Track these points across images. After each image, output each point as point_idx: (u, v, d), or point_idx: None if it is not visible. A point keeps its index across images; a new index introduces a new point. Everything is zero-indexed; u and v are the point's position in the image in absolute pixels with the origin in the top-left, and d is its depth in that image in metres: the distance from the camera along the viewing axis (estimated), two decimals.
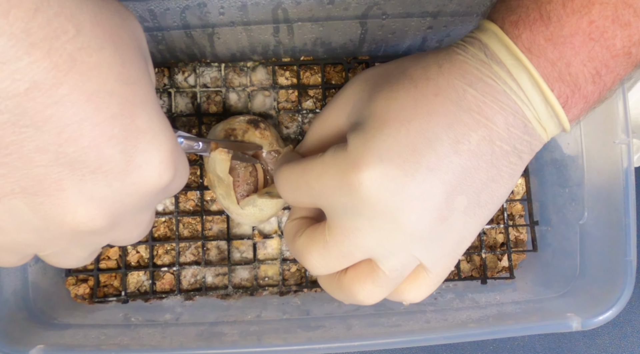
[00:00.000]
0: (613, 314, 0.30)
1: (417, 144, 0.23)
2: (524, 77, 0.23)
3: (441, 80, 0.24)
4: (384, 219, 0.24)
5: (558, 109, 0.23)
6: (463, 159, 0.23)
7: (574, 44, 0.22)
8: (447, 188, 0.24)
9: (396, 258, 0.25)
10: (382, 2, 0.32)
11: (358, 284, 0.26)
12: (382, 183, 0.24)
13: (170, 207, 0.40)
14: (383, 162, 0.24)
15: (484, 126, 0.23)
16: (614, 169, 0.32)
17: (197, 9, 0.32)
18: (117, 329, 0.35)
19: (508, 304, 0.35)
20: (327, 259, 0.26)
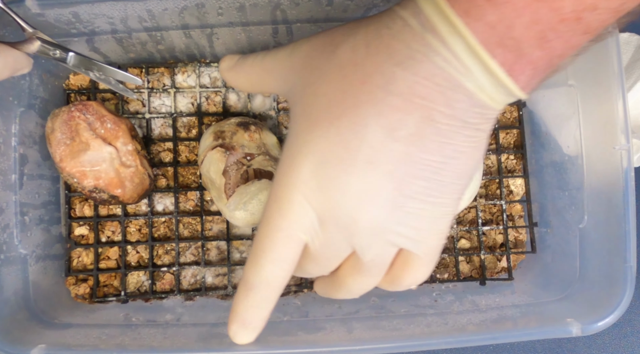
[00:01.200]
0: (613, 319, 0.30)
1: (349, 140, 0.23)
2: (460, 45, 0.21)
3: (368, 64, 0.22)
4: (345, 220, 0.24)
5: (502, 76, 0.21)
6: (404, 144, 0.22)
7: (517, 4, 0.19)
8: (395, 176, 0.23)
9: (372, 249, 0.25)
10: (381, 4, 0.32)
11: (349, 278, 0.26)
12: (328, 187, 0.23)
13: (170, 208, 0.40)
14: (321, 165, 0.23)
15: (421, 106, 0.22)
16: (614, 174, 0.32)
17: (196, 10, 0.32)
18: (118, 329, 0.35)
19: (508, 307, 0.35)
20: (319, 268, 0.26)
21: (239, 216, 0.34)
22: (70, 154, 0.35)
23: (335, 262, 0.26)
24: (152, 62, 0.40)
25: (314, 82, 0.24)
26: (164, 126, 0.40)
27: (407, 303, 0.37)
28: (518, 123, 0.41)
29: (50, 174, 0.38)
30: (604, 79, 0.32)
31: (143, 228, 0.40)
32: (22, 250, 0.35)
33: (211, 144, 0.35)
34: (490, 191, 0.41)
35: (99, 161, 0.35)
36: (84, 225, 0.39)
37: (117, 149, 0.35)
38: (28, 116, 0.35)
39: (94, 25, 0.33)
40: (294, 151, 0.24)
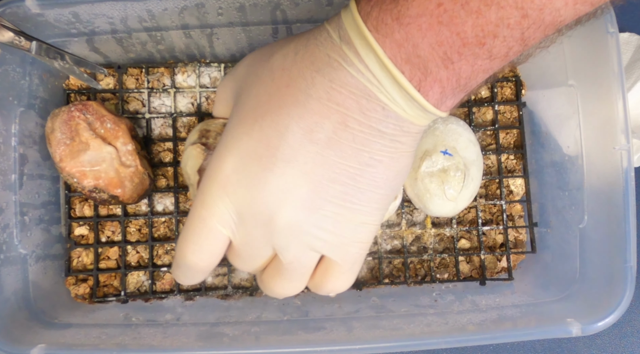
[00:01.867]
0: (613, 320, 0.30)
1: (270, 138, 0.23)
2: (371, 58, 0.22)
3: (294, 69, 0.24)
4: (262, 218, 0.24)
5: (411, 90, 0.22)
6: (320, 147, 0.23)
7: (421, 25, 0.21)
8: (312, 178, 0.23)
9: (291, 250, 0.25)
10: None
11: (272, 280, 0.27)
12: (247, 182, 0.24)
13: (170, 208, 0.40)
14: (242, 162, 0.24)
15: (336, 112, 0.23)
16: (614, 174, 0.32)
17: (196, 10, 0.32)
18: (118, 329, 0.35)
19: (508, 307, 0.35)
20: (244, 264, 0.27)
21: None
22: (70, 154, 0.35)
23: (259, 261, 0.27)
24: (152, 62, 0.40)
25: (249, 86, 0.26)
26: (164, 126, 0.40)
27: (407, 302, 0.37)
28: (518, 123, 0.41)
29: (50, 174, 0.38)
30: (604, 79, 0.32)
31: (143, 228, 0.40)
32: (22, 250, 0.35)
33: (195, 141, 0.35)
34: (490, 191, 0.41)
35: (99, 160, 0.35)
36: (84, 225, 0.39)
37: (117, 149, 0.35)
38: (28, 116, 0.35)
39: (94, 25, 0.33)
40: (222, 146, 0.25)
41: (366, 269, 0.40)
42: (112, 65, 0.39)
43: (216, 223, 0.25)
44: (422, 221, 0.41)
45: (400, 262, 0.41)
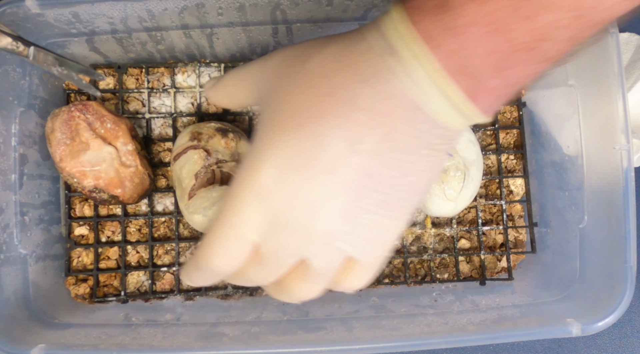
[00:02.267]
0: (613, 320, 0.30)
1: (311, 148, 0.23)
2: (420, 70, 0.21)
3: (336, 78, 0.23)
4: (299, 225, 0.24)
5: (461, 101, 0.22)
6: (363, 158, 0.23)
7: (473, 35, 0.20)
8: (353, 188, 0.23)
9: (321, 256, 0.25)
10: (381, 4, 0.32)
11: (295, 285, 0.26)
12: (285, 192, 0.24)
13: (170, 208, 0.40)
14: (281, 171, 0.24)
15: (382, 123, 0.22)
16: (614, 174, 0.32)
17: (196, 10, 0.32)
18: (118, 329, 0.35)
19: (508, 307, 0.35)
20: (267, 273, 0.27)
21: (196, 220, 0.34)
22: (70, 154, 0.35)
23: (283, 269, 0.26)
24: (152, 62, 0.40)
25: (283, 90, 0.25)
26: (164, 126, 0.40)
27: (407, 302, 0.37)
28: (518, 123, 0.41)
29: (50, 174, 0.38)
30: (604, 79, 0.32)
31: (143, 228, 0.40)
32: (22, 250, 0.35)
33: (186, 143, 0.35)
34: (490, 191, 0.41)
35: (99, 160, 0.35)
36: (84, 225, 0.39)
37: (117, 149, 0.35)
38: (28, 116, 0.35)
39: (94, 25, 0.33)
40: (257, 153, 0.25)
41: None
42: (112, 65, 0.39)
43: (247, 231, 0.25)
44: (422, 221, 0.41)
45: (400, 262, 0.41)
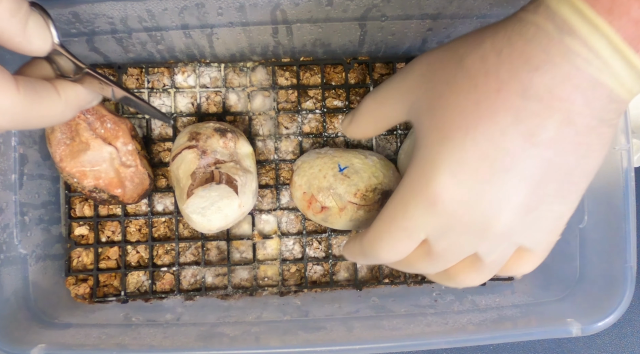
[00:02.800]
0: (613, 320, 0.30)
1: (486, 149, 0.23)
2: (602, 43, 0.20)
3: (502, 72, 0.22)
4: (476, 227, 0.24)
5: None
6: (543, 149, 0.22)
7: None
8: (531, 182, 0.23)
9: (496, 253, 0.25)
10: (381, 4, 0.32)
11: (463, 275, 0.27)
12: (462, 197, 0.23)
13: (170, 207, 0.40)
14: (456, 176, 0.23)
15: (559, 110, 0.21)
16: (614, 174, 0.32)
17: (196, 10, 0.32)
18: (118, 329, 0.35)
19: (508, 307, 0.35)
20: (437, 267, 0.27)
21: (196, 220, 0.34)
22: (70, 154, 0.35)
23: (451, 264, 0.27)
24: (152, 62, 0.40)
25: (440, 95, 0.25)
26: (164, 126, 0.40)
27: (407, 302, 0.37)
28: None
29: (50, 174, 0.38)
30: None
31: (143, 228, 0.40)
32: (22, 250, 0.35)
33: (184, 143, 0.35)
34: None
35: (99, 160, 0.35)
36: (84, 225, 0.39)
37: (117, 149, 0.35)
38: None
39: (94, 25, 0.33)
40: (426, 161, 0.24)
41: (366, 269, 0.40)
42: (112, 65, 0.39)
43: (419, 233, 0.25)
44: None
45: None
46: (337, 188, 0.35)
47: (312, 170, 0.36)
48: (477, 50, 0.24)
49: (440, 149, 0.24)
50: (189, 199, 0.33)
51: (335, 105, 0.40)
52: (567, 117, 0.22)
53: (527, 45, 0.22)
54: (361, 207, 0.35)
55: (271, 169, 0.40)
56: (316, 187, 0.35)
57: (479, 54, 0.23)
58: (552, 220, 0.25)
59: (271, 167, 0.40)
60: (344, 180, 0.35)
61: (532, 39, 0.22)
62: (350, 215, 0.35)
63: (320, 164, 0.36)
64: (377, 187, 0.35)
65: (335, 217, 0.36)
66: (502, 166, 0.23)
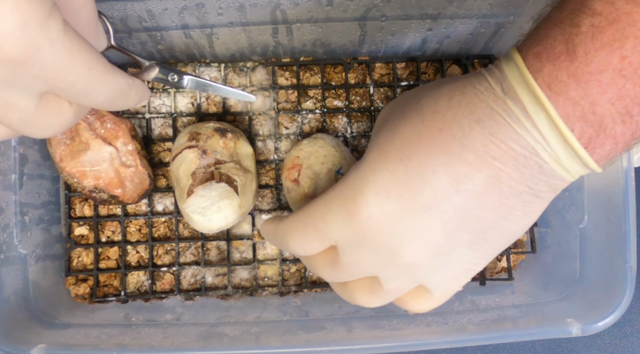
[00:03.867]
0: (613, 320, 0.30)
1: (414, 181, 0.23)
2: (540, 116, 0.21)
3: (448, 115, 0.23)
4: (384, 252, 0.25)
5: (579, 150, 0.21)
6: (465, 198, 0.23)
7: (602, 81, 0.20)
8: (447, 226, 0.23)
9: (396, 282, 0.26)
10: (381, 4, 0.32)
11: (359, 292, 0.27)
12: (380, 218, 0.24)
13: (170, 207, 0.40)
14: (380, 197, 0.24)
15: (490, 166, 0.22)
16: (614, 174, 0.32)
17: (196, 10, 0.32)
18: (118, 329, 0.35)
19: (508, 307, 0.35)
20: (337, 277, 0.27)
21: (196, 220, 0.34)
22: (70, 154, 0.35)
23: (350, 279, 0.27)
24: None
25: (393, 122, 0.26)
26: (164, 126, 0.40)
27: None
28: None
29: (50, 174, 0.38)
30: None
31: (143, 228, 0.40)
32: (22, 250, 0.35)
33: (184, 143, 0.35)
34: None
35: (99, 161, 0.35)
36: (84, 225, 0.39)
37: (117, 149, 0.35)
38: None
39: None
40: (359, 175, 0.25)
41: None
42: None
43: (329, 238, 0.26)
44: None
45: None
46: (321, 180, 0.35)
47: (319, 152, 0.36)
48: (435, 92, 0.25)
49: (375, 167, 0.24)
50: (189, 198, 0.33)
51: (335, 105, 0.40)
52: (496, 175, 0.22)
53: (475, 97, 0.23)
54: None
55: (271, 169, 0.40)
56: (309, 163, 0.35)
57: (434, 96, 0.24)
58: (458, 269, 0.25)
59: (271, 167, 0.40)
60: (330, 180, 0.35)
61: (482, 93, 0.23)
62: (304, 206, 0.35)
63: (328, 153, 0.36)
64: None
65: (295, 196, 0.35)
66: (425, 202, 0.23)
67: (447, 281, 0.26)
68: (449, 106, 0.23)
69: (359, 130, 0.40)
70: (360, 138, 0.40)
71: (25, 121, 0.22)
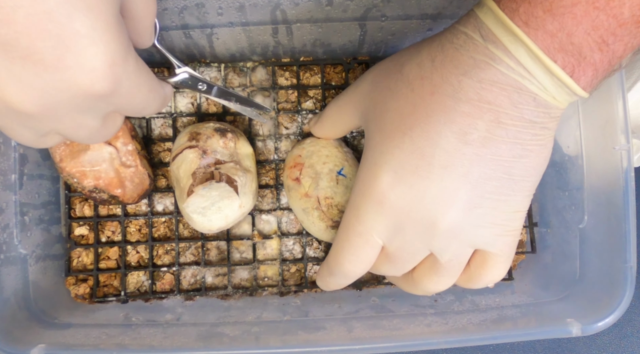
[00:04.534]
0: (613, 320, 0.30)
1: (423, 148, 0.24)
2: (522, 52, 0.22)
3: (435, 76, 0.24)
4: (423, 224, 0.25)
5: (564, 78, 0.22)
6: (476, 147, 0.23)
7: (576, 13, 0.21)
8: (469, 179, 0.24)
9: (449, 251, 0.26)
10: (381, 4, 0.32)
11: (426, 279, 0.28)
12: (406, 194, 0.25)
13: (170, 207, 0.40)
14: (398, 175, 0.25)
15: (488, 110, 0.23)
16: (614, 174, 0.32)
17: (196, 9, 0.32)
18: (118, 329, 0.35)
19: (508, 307, 0.35)
20: (396, 269, 0.28)
21: (196, 220, 0.34)
22: (70, 154, 0.35)
23: (411, 265, 0.28)
24: (152, 62, 0.40)
25: (383, 100, 0.26)
26: (164, 126, 0.40)
27: (407, 302, 0.37)
28: None
29: (50, 174, 0.38)
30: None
31: (143, 228, 0.40)
32: (22, 250, 0.35)
33: (184, 143, 0.35)
34: None
35: (99, 161, 0.35)
36: (84, 225, 0.39)
37: (117, 149, 0.35)
38: None
39: None
40: (371, 162, 0.26)
41: None
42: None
43: (373, 236, 0.27)
44: None
45: None
46: (322, 180, 0.35)
47: (322, 152, 0.36)
48: (415, 58, 0.25)
49: (382, 149, 0.25)
50: (190, 198, 0.33)
51: None
52: (496, 117, 0.23)
53: (456, 52, 0.24)
54: (317, 212, 0.35)
55: (271, 169, 0.40)
56: (311, 162, 0.35)
57: (416, 62, 0.25)
58: (501, 218, 0.25)
59: (271, 167, 0.40)
60: (332, 181, 0.35)
61: (461, 46, 0.24)
62: (305, 205, 0.35)
63: (330, 153, 0.36)
64: (340, 212, 0.35)
65: (296, 195, 0.35)
66: (439, 163, 0.24)
67: (498, 233, 0.26)
68: (433, 67, 0.24)
69: (359, 130, 0.40)
70: (360, 138, 0.40)
71: (91, 136, 0.24)
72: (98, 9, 0.19)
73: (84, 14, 0.18)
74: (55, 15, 0.18)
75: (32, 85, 0.19)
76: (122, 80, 0.21)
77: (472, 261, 0.28)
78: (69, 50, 0.18)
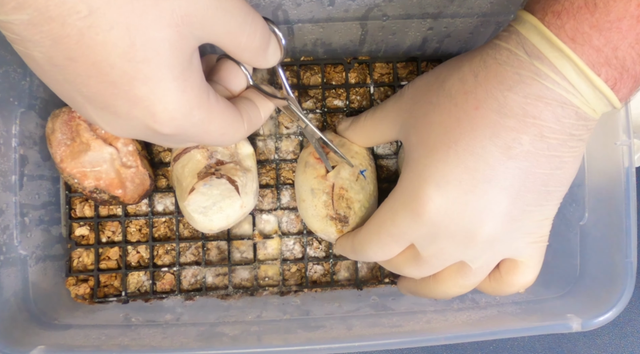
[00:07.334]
0: (613, 315, 0.31)
1: (467, 162, 0.25)
2: (568, 68, 0.23)
3: (479, 91, 0.25)
4: (461, 236, 0.26)
5: (607, 92, 0.23)
6: (518, 161, 0.24)
7: (621, 28, 0.21)
8: (511, 192, 0.25)
9: (481, 259, 0.27)
10: (383, 4, 0.32)
11: (451, 282, 0.29)
12: (448, 207, 0.25)
13: (170, 208, 0.40)
14: (441, 188, 0.25)
15: (532, 125, 0.24)
16: (614, 171, 0.32)
17: None
18: (117, 329, 0.35)
19: (508, 304, 0.35)
20: (423, 272, 0.29)
21: (198, 220, 0.34)
22: (70, 155, 0.35)
23: (438, 269, 0.29)
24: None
25: (426, 114, 0.27)
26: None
27: (407, 301, 0.37)
28: None
29: (51, 175, 0.38)
30: None
31: (143, 228, 0.40)
32: (22, 251, 0.34)
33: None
34: None
35: (100, 161, 0.35)
36: (84, 225, 0.39)
37: (118, 150, 0.35)
38: (28, 117, 0.35)
39: None
40: (415, 173, 0.26)
41: (366, 269, 0.40)
42: None
43: (406, 240, 0.28)
44: None
45: None
46: (344, 169, 0.35)
47: (353, 147, 0.36)
48: (457, 73, 0.26)
49: (426, 163, 0.26)
50: (190, 196, 0.33)
51: (336, 105, 0.41)
52: (540, 132, 0.24)
53: (500, 68, 0.24)
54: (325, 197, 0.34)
55: (271, 169, 0.40)
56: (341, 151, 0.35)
57: (457, 77, 0.26)
58: (532, 227, 0.26)
59: (271, 167, 0.40)
60: (353, 175, 0.35)
61: (505, 62, 0.24)
62: (316, 186, 0.35)
63: (360, 152, 0.36)
64: (353, 220, 0.34)
65: (312, 173, 0.35)
66: (484, 177, 0.24)
67: (529, 242, 0.27)
68: (476, 83, 0.25)
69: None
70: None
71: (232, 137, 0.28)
72: (159, 78, 0.22)
73: (143, 83, 0.21)
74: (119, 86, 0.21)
75: (116, 126, 0.24)
76: (186, 128, 0.24)
77: (502, 267, 0.28)
78: (135, 106, 0.22)
